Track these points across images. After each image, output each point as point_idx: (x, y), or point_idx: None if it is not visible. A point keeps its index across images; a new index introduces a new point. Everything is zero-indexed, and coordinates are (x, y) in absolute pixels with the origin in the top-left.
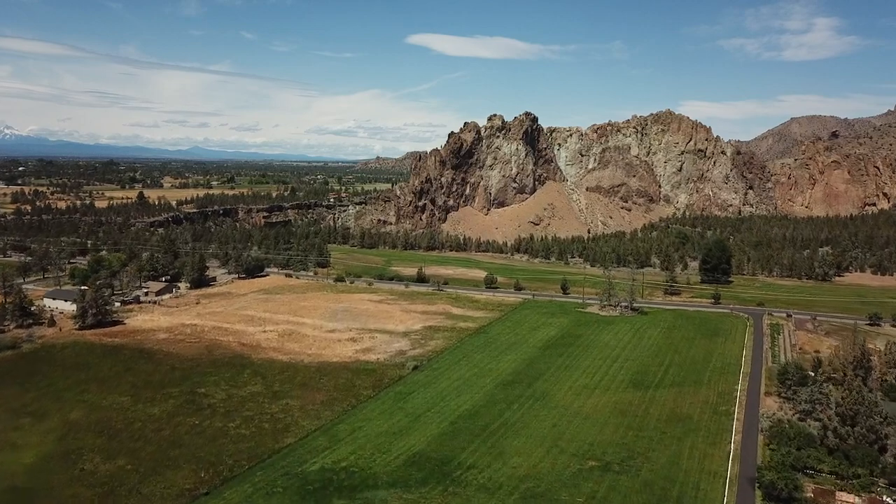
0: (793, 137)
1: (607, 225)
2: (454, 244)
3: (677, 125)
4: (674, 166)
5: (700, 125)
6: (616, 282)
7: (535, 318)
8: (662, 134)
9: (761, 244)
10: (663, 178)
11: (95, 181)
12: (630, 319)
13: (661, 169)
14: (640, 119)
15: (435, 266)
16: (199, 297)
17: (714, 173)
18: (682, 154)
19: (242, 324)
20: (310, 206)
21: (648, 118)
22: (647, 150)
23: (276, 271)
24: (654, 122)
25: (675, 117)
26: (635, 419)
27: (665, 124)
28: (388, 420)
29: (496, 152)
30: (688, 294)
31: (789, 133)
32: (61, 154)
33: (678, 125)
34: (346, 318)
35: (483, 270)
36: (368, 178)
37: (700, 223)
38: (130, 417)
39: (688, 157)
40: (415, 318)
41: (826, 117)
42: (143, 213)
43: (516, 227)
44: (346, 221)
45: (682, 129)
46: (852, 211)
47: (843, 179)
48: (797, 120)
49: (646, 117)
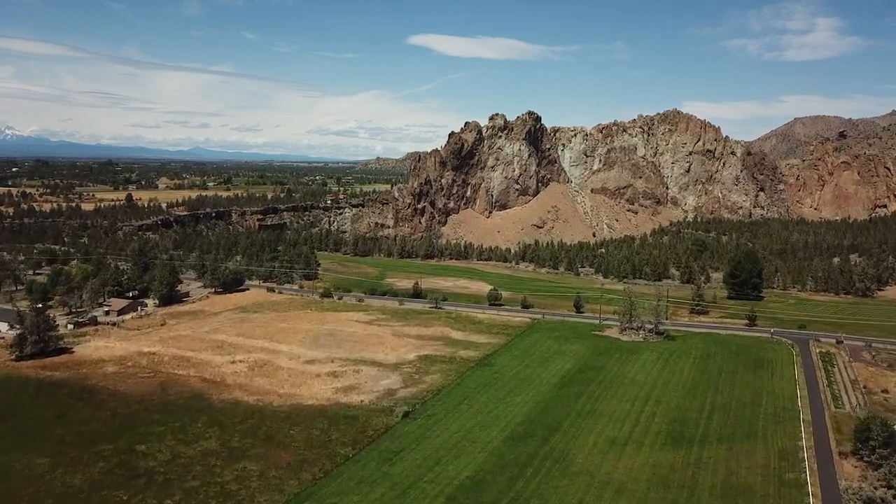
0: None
1: (613, 228)
2: (454, 252)
3: (685, 125)
4: (681, 167)
5: (709, 125)
6: (637, 299)
7: (548, 345)
8: (670, 134)
9: (785, 252)
10: (671, 179)
11: (89, 182)
12: (656, 346)
13: (668, 170)
14: (646, 119)
15: (433, 277)
16: (167, 317)
17: (723, 175)
18: (689, 155)
19: (209, 351)
20: (306, 208)
21: (655, 118)
22: (653, 150)
23: (258, 284)
24: (661, 122)
25: (682, 117)
26: (682, 493)
27: (672, 124)
28: (368, 494)
29: (498, 153)
30: (717, 313)
31: (793, 133)
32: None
33: (686, 125)
34: (329, 345)
35: (486, 283)
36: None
37: (713, 227)
38: (42, 491)
39: (696, 158)
40: (408, 344)
41: (830, 117)
42: (131, 217)
43: (519, 230)
44: (343, 225)
45: (690, 128)
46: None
47: (853, 181)
48: (801, 120)
49: (652, 117)
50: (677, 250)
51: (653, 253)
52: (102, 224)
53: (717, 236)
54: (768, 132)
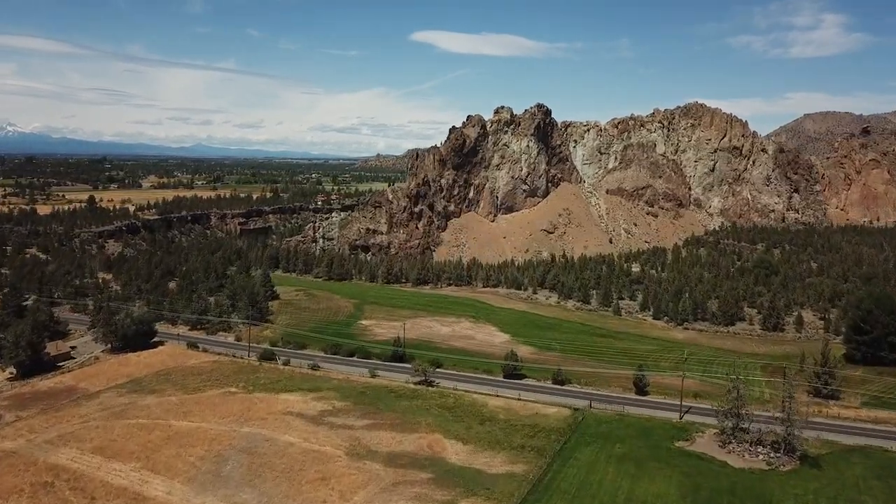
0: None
1: (631, 233)
2: (453, 274)
3: (709, 119)
4: (705, 166)
5: (735, 119)
6: (710, 352)
7: (610, 479)
8: (692, 129)
9: (876, 278)
10: (693, 179)
11: (69, 181)
12: (792, 480)
13: (690, 169)
14: (665, 113)
15: (425, 316)
16: (11, 404)
17: (753, 174)
18: (714, 152)
19: (25, 500)
20: (294, 210)
21: (676, 111)
22: (674, 147)
23: (180, 334)
24: (683, 116)
25: (706, 110)
26: None
27: (695, 118)
28: None
29: (504, 150)
30: (849, 395)
31: (803, 130)
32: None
33: (710, 119)
34: (234, 480)
35: (495, 327)
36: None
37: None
38: None
39: (721, 156)
40: (371, 482)
41: (841, 113)
42: (91, 222)
43: (527, 235)
44: (330, 231)
45: (714, 123)
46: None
47: (883, 179)
48: (811, 116)
49: (672, 110)
50: (746, 280)
51: (721, 286)
52: (57, 231)
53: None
54: (777, 128)
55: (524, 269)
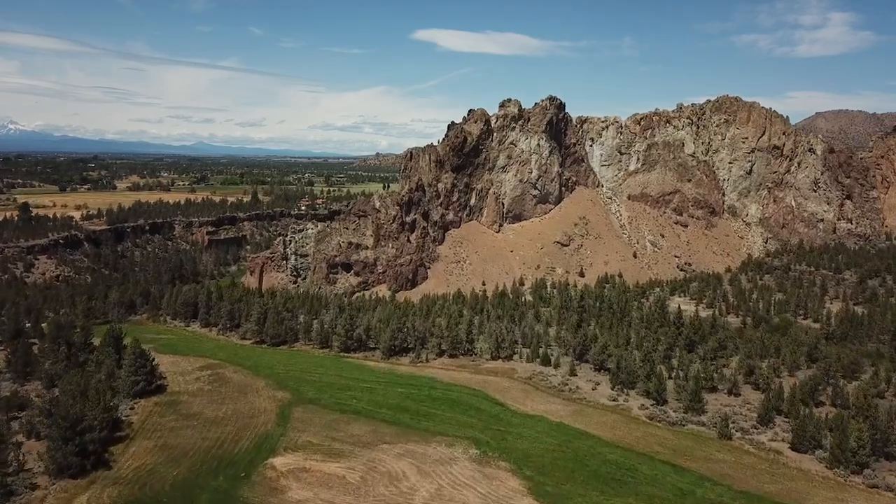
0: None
1: (658, 246)
2: (447, 340)
3: (745, 115)
4: (741, 168)
5: (775, 115)
6: None
7: None
8: (726, 126)
9: None
10: (727, 183)
11: (36, 182)
12: None
13: (724, 172)
14: (694, 108)
15: (392, 439)
16: None
17: (798, 178)
18: (751, 153)
19: None
20: (274, 216)
21: (706, 106)
22: (705, 147)
23: None
24: (714, 111)
25: (741, 105)
26: None
27: (729, 114)
28: None
29: (511, 149)
30: None
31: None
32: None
33: (747, 115)
34: None
35: (515, 474)
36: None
37: (833, 258)
38: None
39: (759, 157)
40: None
41: (854, 112)
42: (21, 235)
43: (538, 249)
44: (304, 246)
45: (751, 119)
46: None
47: None
48: (823, 115)
49: (703, 105)
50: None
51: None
52: None
53: (861, 280)
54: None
55: (547, 324)
